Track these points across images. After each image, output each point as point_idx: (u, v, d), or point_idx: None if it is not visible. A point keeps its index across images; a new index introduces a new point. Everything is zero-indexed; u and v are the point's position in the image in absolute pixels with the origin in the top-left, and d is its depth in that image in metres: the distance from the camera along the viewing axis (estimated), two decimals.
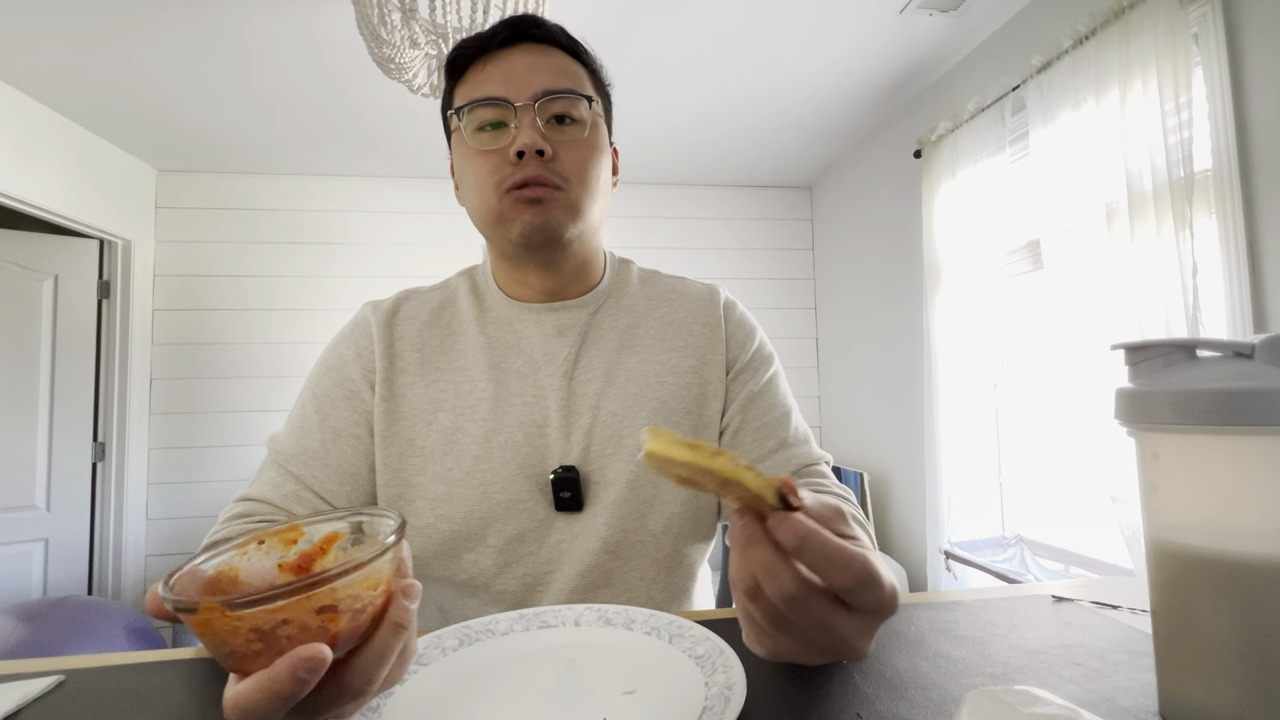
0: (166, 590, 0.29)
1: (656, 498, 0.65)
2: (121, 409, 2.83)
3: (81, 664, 0.47)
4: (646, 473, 0.65)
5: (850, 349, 3.11)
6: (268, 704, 0.27)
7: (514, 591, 0.64)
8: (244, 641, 0.28)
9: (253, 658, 0.28)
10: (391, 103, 2.43)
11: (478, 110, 0.63)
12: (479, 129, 0.64)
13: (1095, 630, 0.49)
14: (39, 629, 2.00)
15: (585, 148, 0.65)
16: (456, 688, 0.41)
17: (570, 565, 0.64)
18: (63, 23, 1.91)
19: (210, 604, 0.27)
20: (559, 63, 0.65)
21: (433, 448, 0.65)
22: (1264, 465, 0.30)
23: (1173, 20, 1.40)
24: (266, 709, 0.27)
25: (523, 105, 0.62)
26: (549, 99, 0.62)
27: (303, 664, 0.27)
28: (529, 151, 0.61)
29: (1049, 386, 1.96)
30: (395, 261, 3.18)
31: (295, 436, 0.66)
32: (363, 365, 0.68)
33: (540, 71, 0.63)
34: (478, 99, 0.63)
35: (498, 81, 0.63)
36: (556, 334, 0.69)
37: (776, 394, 0.72)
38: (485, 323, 0.71)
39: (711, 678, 0.39)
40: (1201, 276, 1.37)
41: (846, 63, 2.24)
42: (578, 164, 0.64)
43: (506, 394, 0.66)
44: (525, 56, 0.64)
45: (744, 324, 0.75)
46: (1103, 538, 1.76)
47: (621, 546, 0.64)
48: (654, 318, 0.73)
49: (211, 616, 0.27)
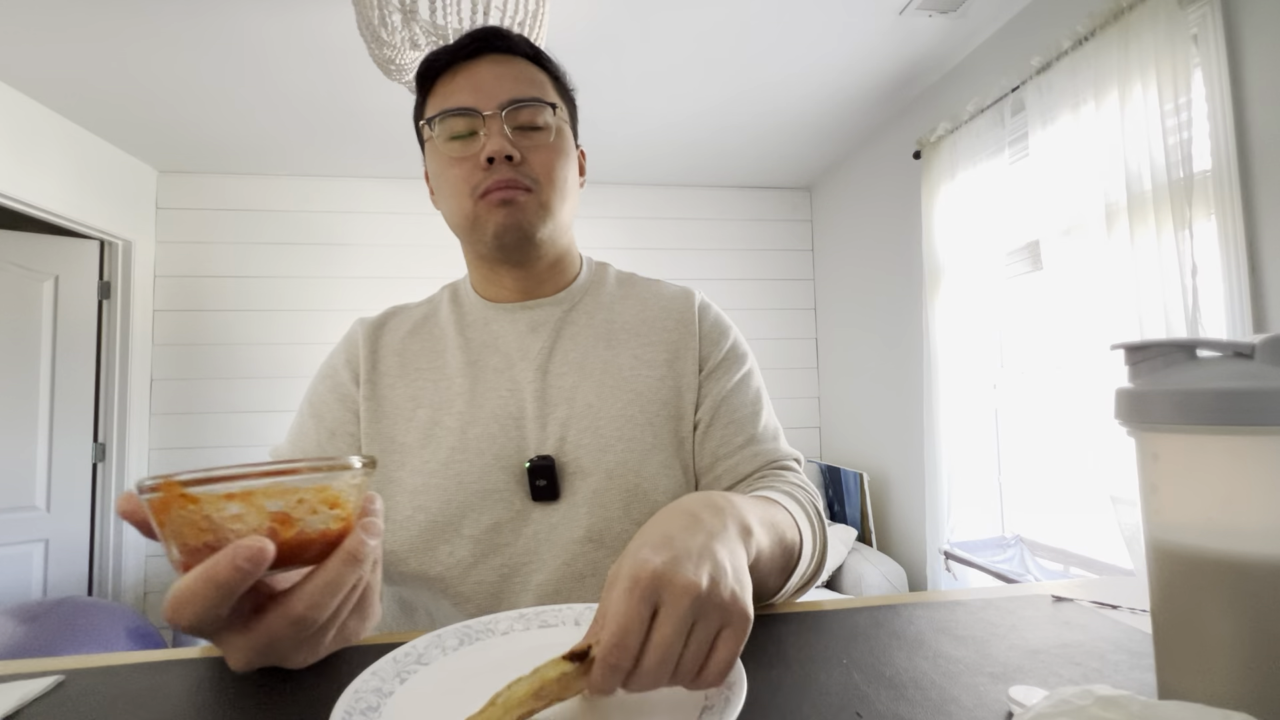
0: (141, 480, 0.30)
1: (638, 487, 0.66)
2: (122, 409, 2.83)
3: (81, 664, 0.47)
4: (626, 462, 0.66)
5: (850, 350, 3.11)
6: (204, 591, 0.27)
7: (491, 583, 0.64)
8: (195, 532, 0.28)
9: (202, 552, 0.28)
10: (392, 104, 2.43)
11: (449, 120, 0.66)
12: (451, 138, 0.66)
13: (1095, 630, 0.49)
14: (39, 629, 2.00)
15: (552, 151, 0.68)
16: (456, 688, 0.40)
17: (552, 556, 0.64)
18: (63, 23, 1.91)
19: (171, 483, 0.28)
20: (523, 72, 0.68)
21: (411, 442, 0.67)
22: (1264, 465, 0.30)
23: (1172, 21, 1.40)
24: (203, 596, 0.27)
25: (490, 114, 0.65)
26: (515, 107, 0.65)
27: (242, 551, 0.27)
28: (498, 157, 0.64)
29: (1049, 387, 1.96)
30: (395, 262, 3.18)
31: (294, 441, 0.70)
32: (351, 370, 0.72)
33: (506, 81, 0.66)
34: (448, 109, 0.66)
35: (466, 92, 0.66)
36: (530, 330, 0.71)
37: (748, 392, 0.73)
38: (464, 326, 0.74)
39: None
40: (1201, 277, 1.37)
41: (846, 64, 2.24)
42: (546, 166, 0.67)
43: (482, 389, 0.68)
44: (491, 67, 0.67)
45: (718, 324, 0.76)
46: (1103, 538, 1.76)
47: (606, 536, 0.65)
48: (629, 315, 0.75)
49: (170, 496, 0.28)
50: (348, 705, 0.36)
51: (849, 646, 0.47)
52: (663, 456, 0.68)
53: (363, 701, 0.37)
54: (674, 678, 0.34)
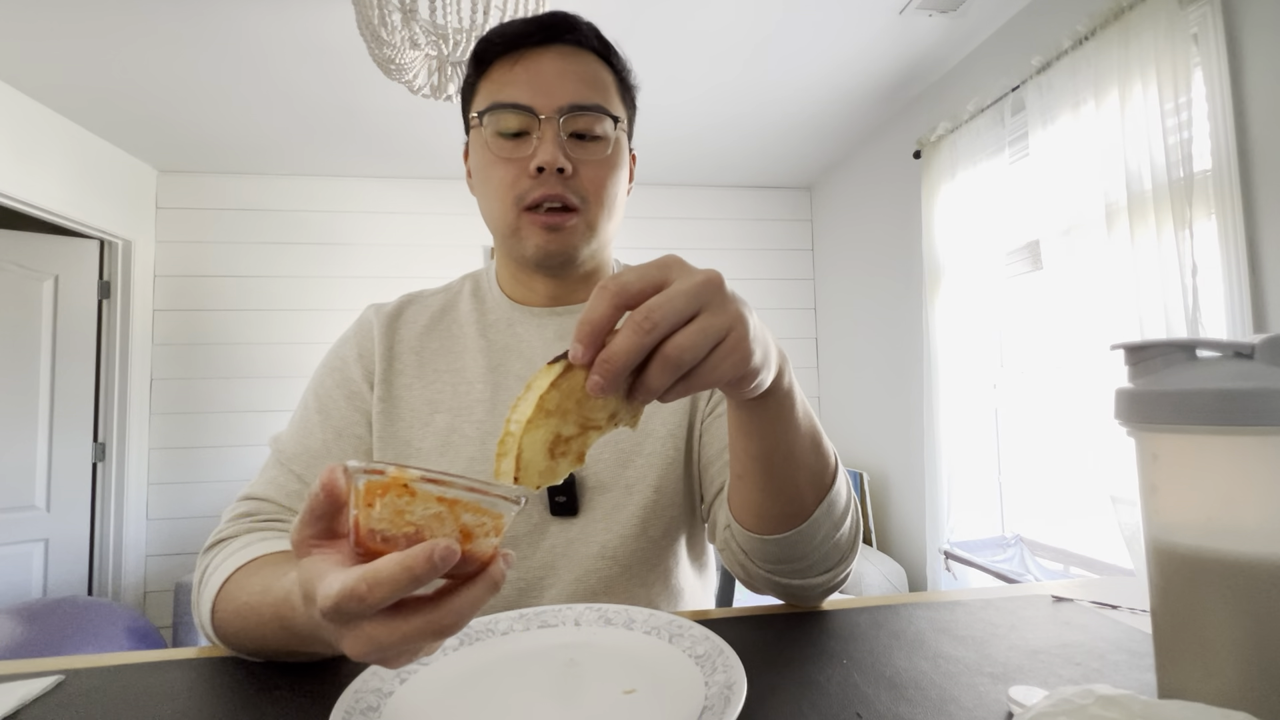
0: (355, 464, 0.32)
1: (656, 503, 0.65)
2: (122, 409, 2.83)
3: (81, 664, 0.47)
4: (645, 477, 0.65)
5: (850, 349, 3.11)
6: (399, 575, 0.29)
7: (508, 596, 0.64)
8: (400, 523, 0.30)
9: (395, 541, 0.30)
10: (392, 103, 2.43)
11: (501, 115, 0.61)
12: (500, 134, 0.62)
13: (1095, 630, 0.49)
14: (39, 629, 2.00)
15: (605, 166, 0.64)
16: (457, 687, 0.40)
17: (568, 571, 0.63)
18: (64, 23, 1.91)
19: (400, 475, 0.30)
20: (589, 70, 0.64)
21: (429, 449, 0.65)
22: (1264, 465, 0.30)
23: (1172, 21, 1.40)
24: (395, 580, 0.29)
25: (547, 118, 0.60)
26: (574, 114, 0.61)
27: (439, 549, 0.29)
28: (549, 168, 0.60)
29: (1049, 386, 1.96)
30: (395, 262, 3.18)
31: (298, 436, 0.66)
32: (363, 365, 0.69)
33: (569, 81, 0.62)
34: (502, 103, 0.61)
35: (524, 86, 0.61)
36: (557, 338, 0.69)
37: None
38: (485, 326, 0.71)
39: (711, 677, 0.39)
40: (1201, 277, 1.37)
41: (846, 63, 2.24)
42: (597, 183, 0.63)
43: (505, 397, 0.66)
44: (555, 62, 0.62)
45: None
46: (1103, 538, 1.76)
47: (620, 553, 0.64)
48: None
49: (393, 483, 0.30)
50: (348, 705, 0.36)
51: (849, 646, 0.47)
52: (680, 471, 0.67)
53: (363, 701, 0.37)
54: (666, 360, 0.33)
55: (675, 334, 0.33)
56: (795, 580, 0.53)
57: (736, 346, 0.35)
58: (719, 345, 0.34)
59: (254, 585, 0.47)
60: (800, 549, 0.51)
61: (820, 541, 0.51)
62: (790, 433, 0.47)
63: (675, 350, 0.33)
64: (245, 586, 0.48)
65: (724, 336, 0.34)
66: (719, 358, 0.34)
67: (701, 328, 0.34)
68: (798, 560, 0.52)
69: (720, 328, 0.34)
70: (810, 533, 0.50)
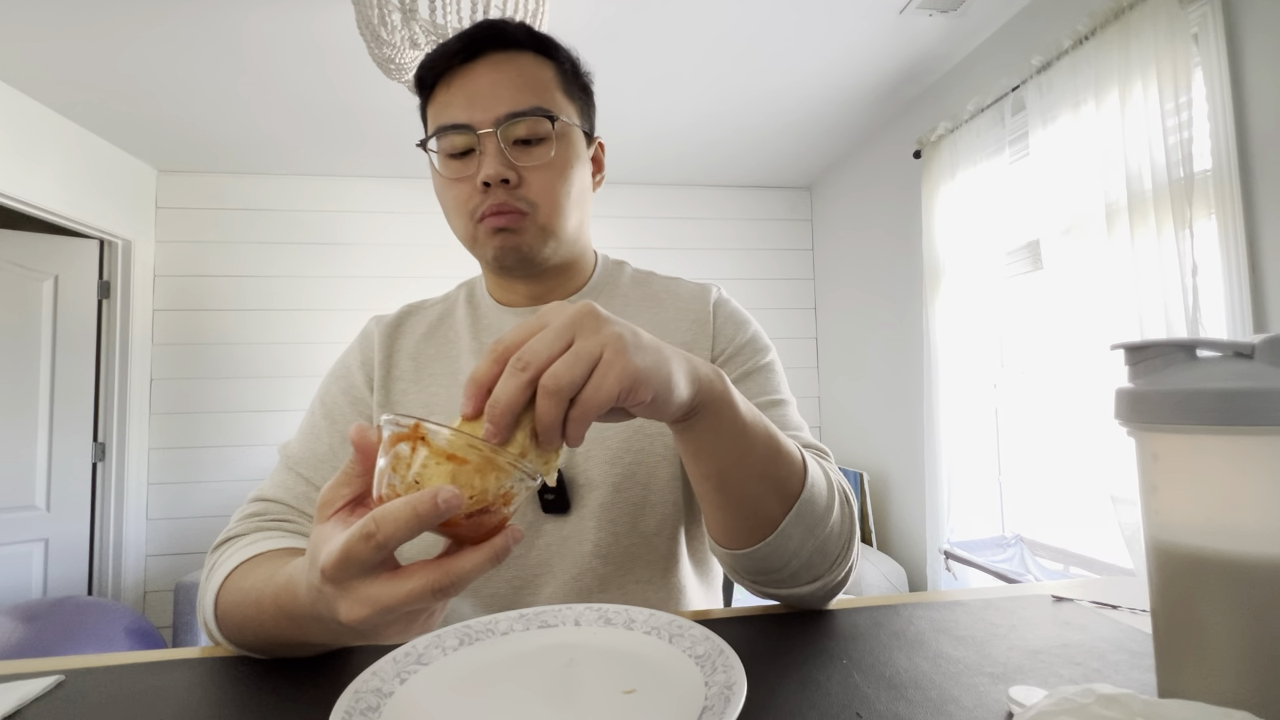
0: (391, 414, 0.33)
1: (646, 500, 0.65)
2: (121, 409, 2.83)
3: (81, 664, 0.47)
4: (634, 474, 0.65)
5: (850, 349, 3.11)
6: (405, 515, 0.30)
7: (504, 595, 0.64)
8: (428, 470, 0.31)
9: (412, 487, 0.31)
10: (391, 103, 2.43)
11: (444, 137, 0.63)
12: (449, 156, 0.64)
13: (1095, 630, 0.49)
14: (39, 629, 2.00)
15: (552, 169, 0.64)
16: (456, 687, 0.40)
17: (562, 569, 0.64)
18: (63, 23, 1.91)
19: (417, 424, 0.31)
20: (524, 72, 0.63)
21: None
22: (1264, 465, 0.30)
23: (1172, 20, 1.40)
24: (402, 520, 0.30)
25: (485, 132, 0.61)
26: (511, 122, 0.61)
27: (444, 493, 0.30)
28: (494, 182, 0.61)
29: (1049, 386, 1.96)
30: (395, 262, 3.18)
31: (306, 441, 0.68)
32: (365, 372, 0.71)
33: (503, 89, 0.62)
34: (443, 125, 0.62)
35: (460, 105, 0.62)
36: None
37: (769, 381, 0.69)
38: (479, 330, 0.73)
39: (711, 677, 0.39)
40: (1201, 276, 1.37)
41: (846, 63, 2.24)
42: (545, 187, 0.64)
43: None
44: (488, 74, 0.62)
45: (734, 317, 0.73)
46: (1103, 538, 1.76)
47: (613, 551, 0.64)
48: (643, 319, 0.72)
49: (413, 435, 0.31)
50: (348, 705, 0.36)
51: (849, 646, 0.47)
52: (672, 469, 0.66)
53: (363, 701, 0.37)
54: (545, 391, 0.34)
55: (550, 366, 0.34)
56: (783, 589, 0.53)
57: (614, 361, 0.35)
58: (596, 365, 0.35)
59: (258, 575, 0.48)
60: (774, 560, 0.50)
61: (796, 550, 0.50)
62: (737, 448, 0.46)
63: (552, 380, 0.34)
64: (249, 576, 0.49)
65: (598, 356, 0.35)
66: (600, 376, 0.35)
67: (574, 352, 0.35)
68: (777, 570, 0.51)
69: (591, 349, 0.35)
70: (780, 544, 0.49)
